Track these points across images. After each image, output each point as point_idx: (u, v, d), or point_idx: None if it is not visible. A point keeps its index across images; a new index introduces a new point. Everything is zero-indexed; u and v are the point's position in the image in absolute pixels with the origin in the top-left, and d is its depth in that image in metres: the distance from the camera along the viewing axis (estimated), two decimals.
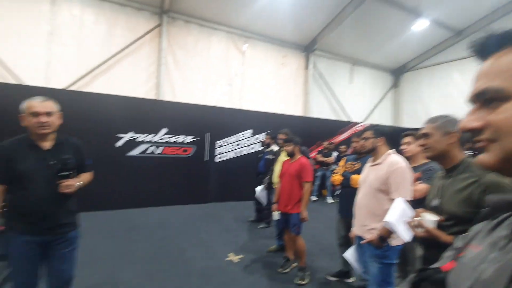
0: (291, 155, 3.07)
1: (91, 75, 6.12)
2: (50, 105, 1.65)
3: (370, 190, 1.95)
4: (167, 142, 5.68)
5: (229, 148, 6.41)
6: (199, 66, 7.16)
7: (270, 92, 8.16)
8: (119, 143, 5.26)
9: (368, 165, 2.10)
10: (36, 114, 1.57)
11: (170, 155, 5.72)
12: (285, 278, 2.95)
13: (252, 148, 6.64)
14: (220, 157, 6.31)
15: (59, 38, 5.89)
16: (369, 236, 1.87)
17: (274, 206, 3.17)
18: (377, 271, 1.86)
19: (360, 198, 2.03)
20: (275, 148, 4.31)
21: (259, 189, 4.13)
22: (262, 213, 4.67)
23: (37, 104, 1.59)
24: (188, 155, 5.90)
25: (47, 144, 1.66)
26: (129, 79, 6.48)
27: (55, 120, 1.67)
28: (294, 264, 3.14)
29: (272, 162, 4.06)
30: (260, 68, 8.00)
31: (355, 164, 2.79)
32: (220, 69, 7.44)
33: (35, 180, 1.59)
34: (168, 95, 6.74)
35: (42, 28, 5.75)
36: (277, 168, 3.59)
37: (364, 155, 2.69)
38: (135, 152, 5.40)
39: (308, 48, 8.55)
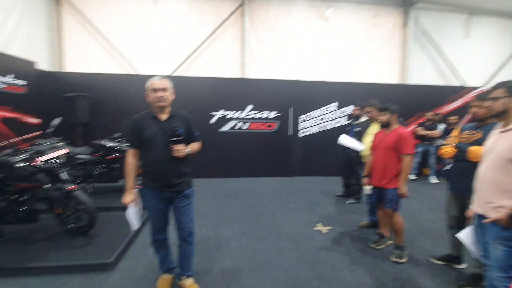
0: (386, 125, 2.77)
1: (188, 61, 6.96)
2: (166, 82, 1.98)
3: (499, 162, 1.57)
4: (252, 118, 6.03)
5: (313, 122, 6.28)
6: (281, 40, 7.10)
7: (359, 60, 7.39)
8: (212, 120, 5.91)
9: (496, 132, 1.69)
10: (155, 90, 1.92)
11: (255, 130, 6.07)
12: (379, 254, 2.81)
13: (338, 122, 6.31)
14: (303, 132, 6.28)
15: (163, 31, 6.86)
16: (495, 214, 1.55)
17: (365, 180, 2.98)
18: (503, 255, 1.54)
19: (484, 171, 1.68)
20: (363, 119, 3.97)
21: (343, 136, 3.93)
22: (351, 188, 4.49)
23: (156, 81, 1.95)
24: (272, 130, 6.12)
25: (164, 116, 1.99)
26: (217, 61, 7.05)
27: (170, 95, 1.99)
28: (390, 242, 2.93)
29: (360, 134, 3.77)
30: (346, 33, 7.28)
31: (474, 133, 2.29)
32: (303, 41, 7.18)
33: (155, 145, 1.94)
34: (252, 73, 7.03)
35: (152, 24, 6.79)
36: (367, 140, 3.32)
37: (487, 122, 2.18)
38: (226, 128, 5.98)
39: (407, 1, 7.20)
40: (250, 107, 5.99)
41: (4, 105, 4.17)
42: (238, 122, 6.01)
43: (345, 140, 3.87)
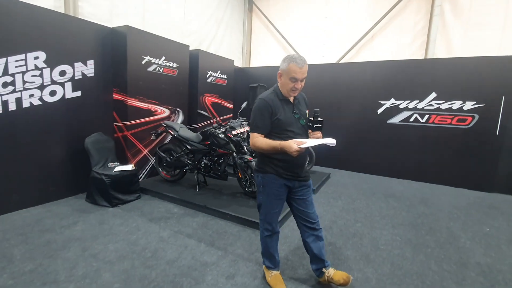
0: None
1: (356, 47, 6.54)
2: (306, 70, 1.69)
3: None
4: (436, 109, 4.80)
5: None
6: (493, 4, 5.10)
7: None
8: (380, 110, 5.26)
9: None
10: (295, 80, 1.68)
11: (439, 125, 4.80)
12: None
13: None
14: None
15: (331, 21, 6.82)
16: None
17: None
18: None
19: None
20: None
21: None
22: None
23: (298, 69, 1.65)
24: (466, 126, 4.62)
25: (291, 98, 1.81)
26: (392, 44, 6.15)
27: (303, 85, 1.75)
28: None
29: None
30: None
31: None
32: None
33: (289, 129, 1.74)
34: (440, 52, 5.58)
35: (320, 16, 6.93)
36: None
37: None
38: (396, 119, 5.14)
39: None
40: (433, 95, 4.80)
41: (214, 93, 5.71)
42: (414, 113, 4.98)
43: None
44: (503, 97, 4.33)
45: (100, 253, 2.33)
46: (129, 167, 3.62)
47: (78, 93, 3.57)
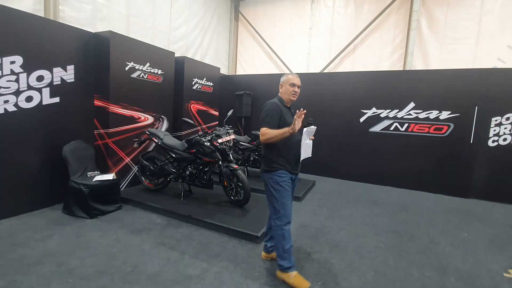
0: None
1: (339, 58, 6.75)
2: (299, 81, 2.23)
3: None
4: (415, 118, 5.00)
5: None
6: (467, 20, 5.47)
7: None
8: (363, 119, 5.41)
9: None
10: (293, 85, 2.20)
11: (417, 133, 5.01)
12: None
13: None
14: (496, 141, 4.55)
15: (316, 31, 7.03)
16: None
17: None
18: None
19: None
20: None
21: None
22: None
23: (295, 78, 2.22)
24: (442, 135, 4.84)
25: (288, 106, 2.27)
26: (373, 55, 6.41)
27: (299, 92, 2.24)
28: None
29: None
30: None
31: None
32: (504, 14, 5.21)
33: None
34: (418, 64, 5.87)
35: (305, 26, 7.13)
36: None
37: None
38: (377, 128, 5.31)
39: None
40: (411, 105, 5.01)
41: (200, 101, 5.67)
42: (394, 122, 5.17)
43: None
44: (476, 107, 4.59)
45: (77, 268, 2.21)
46: (110, 176, 3.49)
47: (57, 99, 3.43)
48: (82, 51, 3.68)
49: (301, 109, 2.02)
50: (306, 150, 2.17)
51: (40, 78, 3.24)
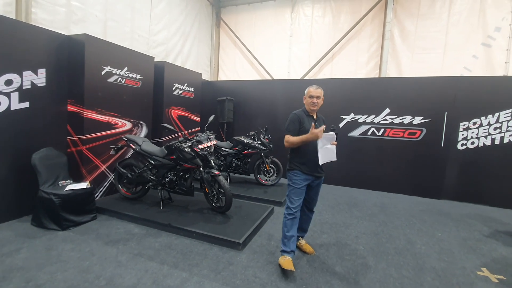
0: None
1: (319, 65, 6.95)
2: (320, 92, 2.46)
3: None
4: (390, 123, 5.22)
5: (483, 132, 4.72)
6: (435, 31, 5.84)
7: None
8: (342, 124, 5.57)
9: None
10: (311, 97, 2.44)
11: (393, 138, 5.23)
12: None
13: None
14: (465, 144, 4.84)
15: (296, 39, 7.20)
16: None
17: None
18: None
19: None
20: None
21: None
22: None
23: (313, 90, 2.46)
24: (416, 139, 5.08)
25: (314, 116, 2.54)
26: (350, 63, 6.66)
27: (320, 102, 2.48)
28: None
29: None
30: None
31: None
32: (469, 26, 5.62)
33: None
34: (392, 72, 6.16)
35: (285, 34, 7.29)
36: None
37: None
38: (356, 133, 5.48)
39: None
40: (387, 110, 5.23)
41: (181, 106, 5.58)
42: (371, 127, 5.37)
43: None
44: (446, 112, 4.87)
45: (47, 283, 2.06)
46: (83, 185, 3.32)
47: (26, 104, 3.24)
48: (54, 54, 3.52)
49: (324, 125, 2.44)
50: (327, 154, 2.38)
51: (9, 82, 3.06)
